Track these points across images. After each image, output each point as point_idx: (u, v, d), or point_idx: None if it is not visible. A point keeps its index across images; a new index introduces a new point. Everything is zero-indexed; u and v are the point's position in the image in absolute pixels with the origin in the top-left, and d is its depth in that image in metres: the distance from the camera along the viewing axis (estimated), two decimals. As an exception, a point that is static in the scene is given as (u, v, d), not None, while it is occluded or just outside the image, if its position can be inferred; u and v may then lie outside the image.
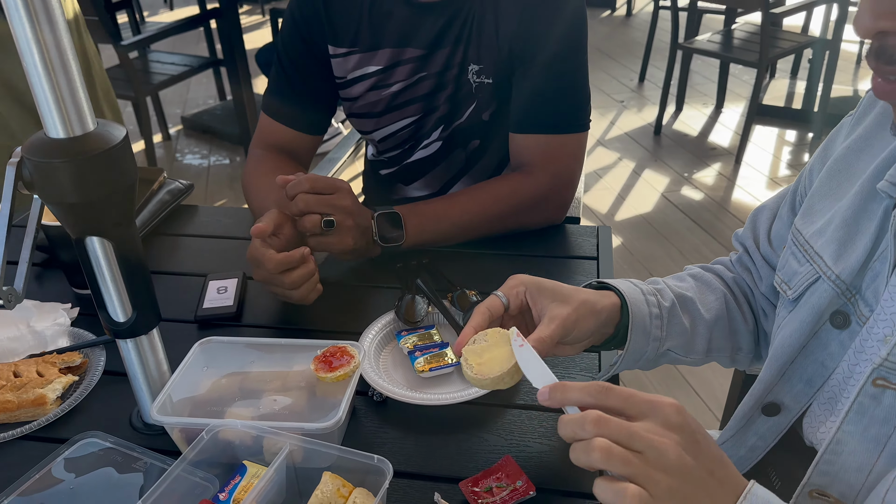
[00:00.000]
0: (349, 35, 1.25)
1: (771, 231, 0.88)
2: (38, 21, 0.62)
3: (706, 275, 0.93)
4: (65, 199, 0.69)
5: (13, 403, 0.85)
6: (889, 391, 0.63)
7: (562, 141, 1.19)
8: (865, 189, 0.70)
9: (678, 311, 0.84)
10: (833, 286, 0.72)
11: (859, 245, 0.70)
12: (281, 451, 0.72)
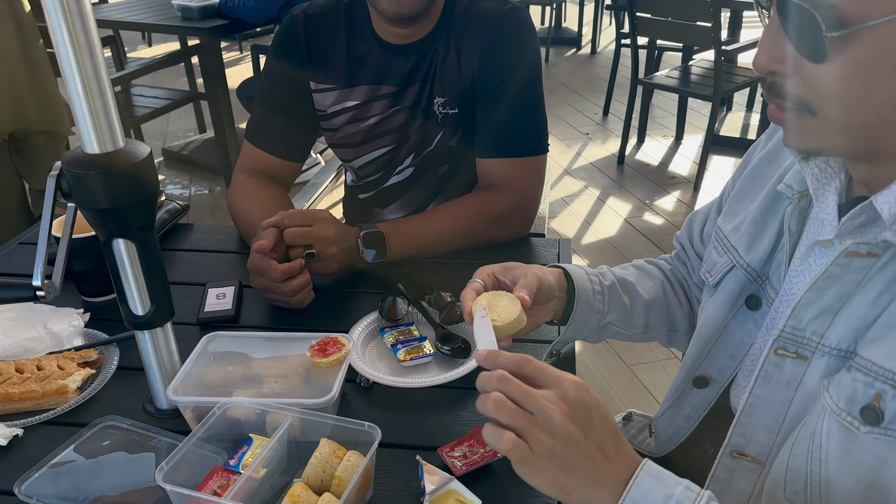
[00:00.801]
0: (329, 73, 1.38)
1: (703, 231, 1.03)
2: (82, 53, 0.75)
3: (647, 265, 1.08)
4: (97, 205, 0.81)
5: (38, 392, 0.95)
6: (788, 359, 0.75)
7: (524, 163, 1.33)
8: (771, 192, 0.85)
9: (618, 290, 0.99)
10: (745, 273, 0.86)
11: (766, 239, 0.84)
12: (283, 423, 0.83)
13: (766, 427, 0.78)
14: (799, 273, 0.79)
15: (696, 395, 0.94)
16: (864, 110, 0.63)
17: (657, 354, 2.47)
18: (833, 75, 0.62)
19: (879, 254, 0.66)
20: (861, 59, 0.60)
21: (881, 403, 0.64)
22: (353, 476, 0.76)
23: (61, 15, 0.73)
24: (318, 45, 1.37)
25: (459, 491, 0.80)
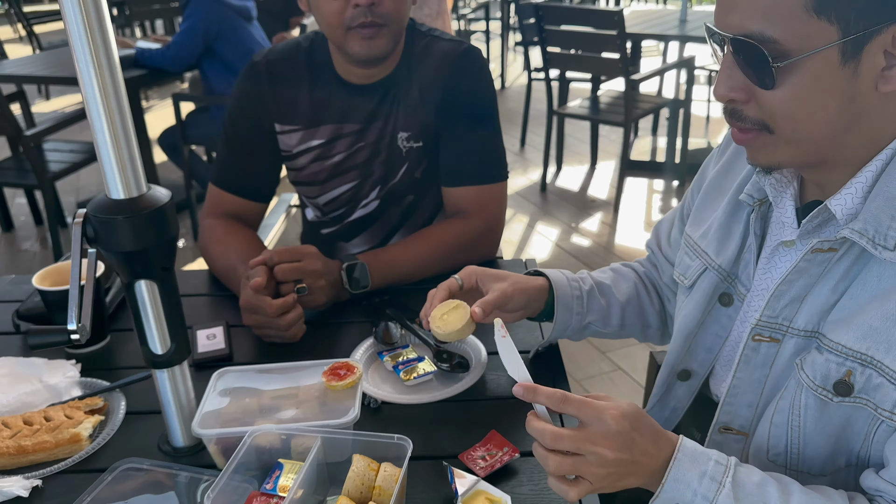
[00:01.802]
0: (294, 114, 1.44)
1: (669, 237, 1.15)
2: (110, 104, 0.79)
3: (623, 268, 1.20)
4: (123, 248, 0.84)
5: (51, 443, 0.95)
6: (763, 343, 0.86)
7: (488, 190, 1.43)
8: (733, 201, 0.96)
9: (596, 294, 1.11)
10: (717, 274, 0.97)
11: (733, 242, 0.96)
12: (314, 444, 0.88)
13: (748, 403, 0.90)
14: (766, 270, 0.91)
15: (681, 388, 1.05)
16: (812, 126, 0.75)
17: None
18: (784, 98, 0.74)
19: (838, 248, 0.78)
20: (805, 83, 0.73)
21: (851, 378, 0.77)
22: (393, 485, 0.82)
23: (93, 69, 0.77)
24: (282, 89, 1.42)
25: (487, 490, 0.86)
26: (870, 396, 0.76)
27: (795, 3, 0.69)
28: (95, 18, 0.76)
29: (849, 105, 0.73)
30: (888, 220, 0.74)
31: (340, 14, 1.26)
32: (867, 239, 0.74)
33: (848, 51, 0.70)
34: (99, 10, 0.76)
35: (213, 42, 3.40)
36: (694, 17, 4.28)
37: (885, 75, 0.72)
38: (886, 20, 0.69)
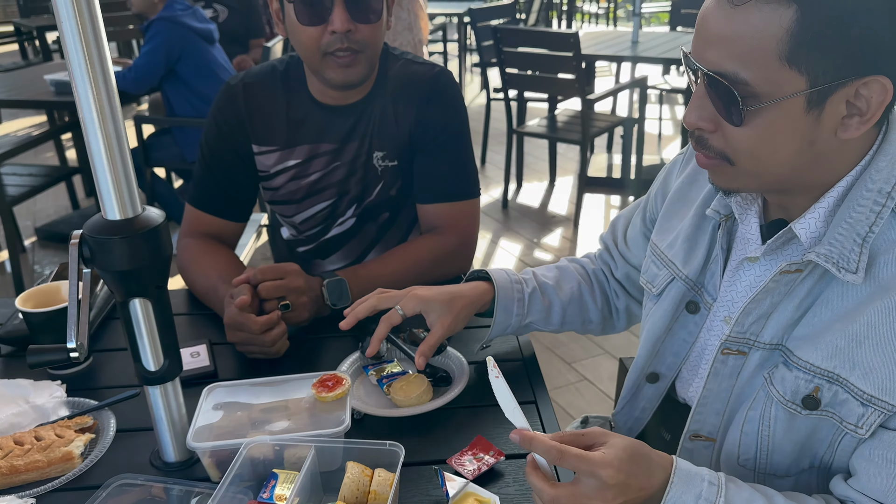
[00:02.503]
0: (270, 135, 1.47)
1: (627, 234, 1.22)
2: (107, 127, 0.82)
3: (569, 267, 1.26)
4: (119, 267, 0.87)
5: (43, 462, 0.96)
6: (731, 356, 0.92)
7: (462, 206, 1.48)
8: (699, 213, 1.02)
9: (538, 296, 1.18)
10: (684, 283, 1.03)
11: (699, 253, 1.01)
12: (308, 454, 0.91)
13: (716, 411, 0.96)
14: (731, 283, 0.97)
15: (650, 390, 1.11)
16: (773, 164, 0.81)
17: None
18: (748, 136, 0.80)
19: (804, 269, 0.84)
20: (770, 125, 0.78)
21: (819, 394, 0.83)
22: (387, 489, 0.85)
23: (92, 97, 0.80)
24: (259, 111, 1.46)
25: (476, 491, 0.90)
26: (836, 410, 0.82)
27: (770, 52, 0.74)
28: (95, 48, 0.79)
29: (809, 147, 0.79)
30: (851, 245, 0.80)
31: (318, 40, 1.31)
32: (832, 263, 0.80)
33: (813, 100, 0.76)
34: (99, 40, 0.80)
35: (174, 64, 3.39)
36: (645, 39, 4.43)
37: (845, 123, 0.77)
38: (852, 75, 0.74)
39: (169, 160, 3.58)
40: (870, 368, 0.78)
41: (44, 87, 3.58)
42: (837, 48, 0.73)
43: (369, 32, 1.33)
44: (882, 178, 0.81)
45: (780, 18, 0.73)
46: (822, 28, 0.72)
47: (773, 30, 0.73)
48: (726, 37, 0.76)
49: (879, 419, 0.79)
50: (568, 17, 10.28)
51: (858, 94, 0.76)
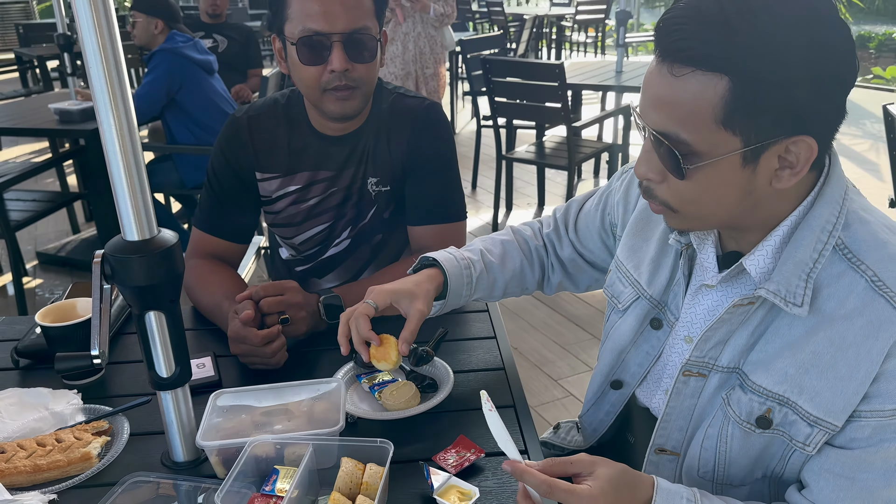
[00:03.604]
0: (273, 164, 1.59)
1: (578, 219, 1.33)
2: (128, 159, 0.93)
3: (513, 242, 1.36)
4: (137, 283, 0.97)
5: (64, 461, 1.05)
6: (692, 377, 1.01)
7: (449, 228, 1.59)
8: (663, 239, 1.11)
9: (485, 276, 1.28)
10: (649, 302, 1.13)
11: (662, 275, 1.11)
12: (307, 451, 1.00)
13: (679, 427, 1.05)
14: (692, 305, 1.07)
15: (613, 395, 1.21)
16: (716, 211, 0.91)
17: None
18: (691, 189, 0.89)
19: (755, 302, 0.93)
20: (710, 179, 0.87)
21: (771, 414, 0.93)
22: (378, 480, 0.95)
23: (115, 129, 0.91)
24: (261, 141, 1.57)
25: (458, 484, 1.00)
26: (786, 430, 0.92)
27: (707, 116, 0.82)
28: (118, 84, 0.90)
29: (747, 196, 0.88)
30: (796, 281, 0.89)
31: (318, 78, 1.42)
32: (780, 298, 0.89)
33: (748, 157, 0.84)
34: (121, 75, 0.90)
35: (175, 94, 3.52)
36: (630, 68, 4.59)
37: (778, 175, 0.86)
38: (781, 135, 0.83)
39: (169, 186, 3.70)
40: (816, 393, 0.88)
41: (47, 116, 3.69)
42: (767, 113, 0.81)
43: (365, 70, 1.45)
44: (824, 219, 0.90)
45: (715, 87, 0.81)
46: (752, 96, 0.80)
47: (709, 97, 0.82)
48: (668, 102, 0.85)
49: (825, 438, 0.88)
50: (557, 46, 10.50)
51: (788, 149, 0.84)
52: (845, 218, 0.90)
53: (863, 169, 5.46)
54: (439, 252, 1.28)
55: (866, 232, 0.89)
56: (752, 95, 0.81)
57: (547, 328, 3.26)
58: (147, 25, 3.54)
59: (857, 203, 0.93)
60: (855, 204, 0.92)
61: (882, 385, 0.84)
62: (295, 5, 1.41)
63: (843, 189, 0.92)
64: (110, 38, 0.88)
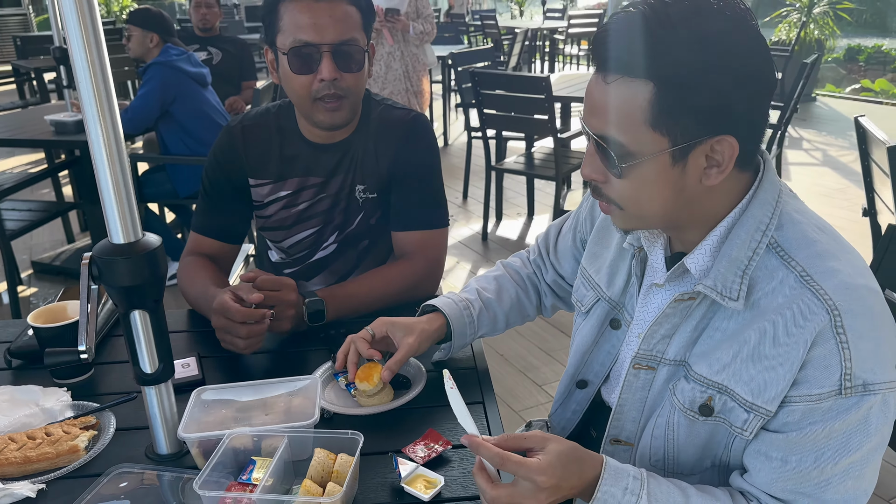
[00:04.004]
0: (265, 170, 1.66)
1: (557, 242, 1.40)
2: (115, 166, 0.99)
3: (505, 275, 1.44)
4: (122, 283, 1.03)
5: (53, 453, 1.11)
6: (642, 370, 1.08)
7: (431, 234, 1.66)
8: (619, 245, 1.18)
9: (485, 314, 1.35)
10: (608, 303, 1.20)
11: (620, 279, 1.18)
12: (282, 442, 1.06)
13: (632, 419, 1.11)
14: (644, 304, 1.14)
15: (579, 394, 1.27)
16: (652, 207, 0.98)
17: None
18: (629, 187, 0.96)
19: (696, 297, 1.00)
20: (644, 177, 0.94)
21: (712, 402, 0.99)
22: (348, 468, 1.01)
23: (102, 139, 0.97)
24: (254, 148, 1.65)
25: (425, 473, 1.06)
26: (726, 416, 0.98)
27: (638, 119, 0.90)
28: (105, 98, 0.97)
29: (680, 193, 0.95)
30: (732, 277, 0.96)
31: (308, 87, 1.50)
32: (717, 293, 0.96)
33: (677, 156, 0.92)
34: (108, 89, 0.97)
35: (169, 106, 3.59)
36: (617, 80, 4.66)
37: (707, 173, 0.93)
38: (705, 135, 0.90)
39: (162, 196, 3.76)
40: (750, 381, 0.94)
41: (43, 127, 3.76)
42: (690, 115, 0.89)
43: (353, 80, 1.52)
44: (758, 220, 0.97)
45: (642, 92, 0.89)
46: (676, 100, 0.88)
47: (638, 101, 0.90)
48: (603, 107, 0.93)
49: (760, 423, 0.94)
50: (550, 59, 10.61)
51: (714, 149, 0.91)
52: (779, 219, 0.97)
53: (848, 179, 5.54)
54: (439, 298, 1.37)
55: (798, 231, 0.96)
56: (675, 99, 0.88)
57: (533, 335, 3.32)
58: (142, 39, 3.62)
59: (790, 205, 1.00)
60: (789, 206, 0.99)
61: (809, 371, 0.90)
62: (286, 18, 1.49)
63: (776, 192, 0.99)
64: (98, 57, 0.94)
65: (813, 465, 0.91)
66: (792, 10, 8.66)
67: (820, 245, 0.94)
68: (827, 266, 0.92)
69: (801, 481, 0.92)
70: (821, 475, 0.91)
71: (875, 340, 0.89)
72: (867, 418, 0.90)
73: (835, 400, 0.89)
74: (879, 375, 0.89)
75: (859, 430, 0.90)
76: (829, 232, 0.98)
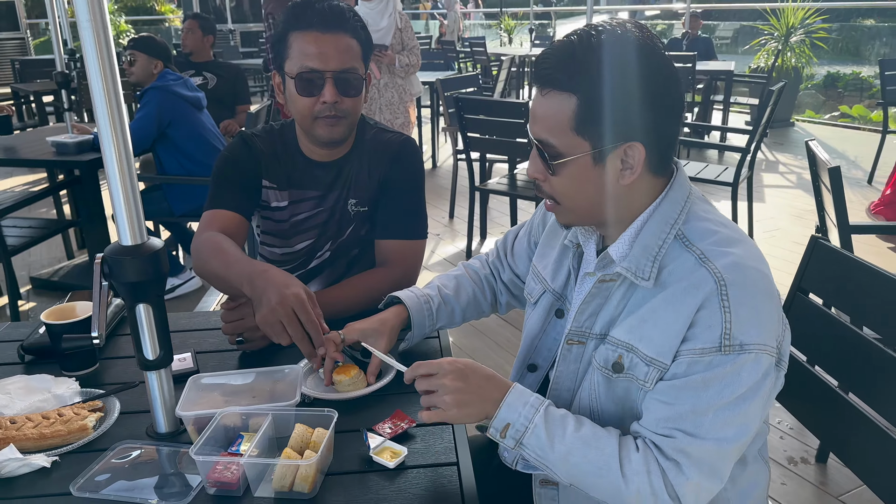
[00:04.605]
0: (274, 174, 1.83)
1: (514, 246, 1.58)
2: (125, 177, 1.16)
3: (464, 274, 1.61)
4: (130, 279, 1.19)
5: (64, 431, 1.26)
6: (574, 345, 1.25)
7: (410, 244, 1.83)
8: (562, 244, 1.37)
9: (443, 308, 1.53)
10: (552, 294, 1.37)
11: (563, 272, 1.36)
12: (266, 419, 1.22)
13: (567, 388, 1.29)
14: (579, 292, 1.32)
15: (530, 377, 1.44)
16: (582, 202, 1.18)
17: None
18: (561, 183, 1.16)
19: (616, 279, 1.19)
20: (573, 175, 1.14)
21: (622, 360, 1.16)
22: (323, 439, 1.17)
23: (115, 154, 1.14)
24: (266, 154, 1.83)
25: (391, 446, 1.22)
26: (633, 372, 1.15)
27: (565, 125, 1.10)
28: (119, 123, 1.13)
29: (602, 190, 1.15)
30: (645, 262, 1.14)
31: (311, 107, 1.68)
32: (632, 274, 1.15)
33: (597, 158, 1.12)
34: (120, 109, 1.13)
35: (166, 128, 3.77)
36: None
37: (622, 173, 1.13)
38: (619, 142, 1.10)
39: (159, 214, 3.92)
40: (650, 339, 1.12)
41: (44, 148, 3.93)
42: (605, 124, 1.09)
43: (351, 103, 1.71)
44: (668, 216, 1.16)
45: (568, 103, 1.10)
46: (593, 111, 1.09)
47: (565, 110, 1.10)
48: (540, 115, 1.14)
49: (658, 375, 1.12)
50: (538, 83, 10.81)
51: (626, 153, 1.12)
52: (686, 216, 1.17)
53: (821, 201, 5.73)
54: (403, 292, 1.55)
55: (701, 226, 1.15)
56: (592, 110, 1.09)
57: (510, 345, 3.48)
58: (147, 65, 3.82)
59: (698, 206, 1.19)
60: (696, 206, 1.19)
61: (696, 330, 1.08)
62: (296, 46, 1.68)
63: (685, 194, 1.18)
64: (112, 79, 1.11)
65: (691, 407, 1.09)
66: (770, 39, 8.95)
67: (719, 235, 1.13)
68: (722, 250, 1.11)
69: (681, 420, 1.10)
70: (696, 415, 1.08)
71: (754, 310, 1.07)
72: (740, 372, 1.07)
73: (715, 355, 1.07)
74: (754, 338, 1.07)
75: (732, 381, 1.07)
76: (731, 227, 1.17)
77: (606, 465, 1.10)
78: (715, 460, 1.09)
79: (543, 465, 1.14)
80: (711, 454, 1.09)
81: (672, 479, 1.08)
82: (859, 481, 1.44)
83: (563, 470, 1.13)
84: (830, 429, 1.54)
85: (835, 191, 2.26)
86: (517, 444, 1.14)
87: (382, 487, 1.15)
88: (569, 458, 1.12)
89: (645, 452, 1.11)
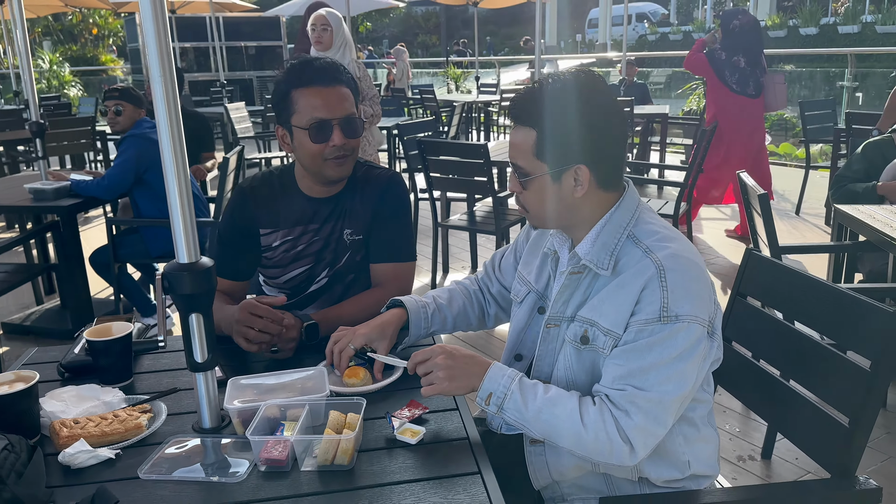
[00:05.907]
0: (271, 221, 2.06)
1: (501, 262, 1.84)
2: (184, 206, 1.37)
3: (456, 289, 1.87)
4: (185, 292, 1.39)
5: (122, 429, 1.44)
6: (552, 328, 1.53)
7: (401, 266, 2.07)
8: (543, 251, 1.64)
9: (437, 314, 1.77)
10: (535, 294, 1.63)
11: (544, 275, 1.63)
12: (303, 409, 1.42)
13: (547, 363, 1.55)
14: (555, 289, 1.58)
15: (517, 366, 1.68)
16: (547, 213, 1.47)
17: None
18: (530, 196, 1.46)
19: (582, 271, 1.47)
20: (538, 190, 1.44)
21: (587, 333, 1.44)
22: (356, 421, 1.38)
23: (177, 187, 1.36)
24: (262, 205, 2.05)
25: (411, 426, 1.44)
26: (596, 342, 1.43)
27: (528, 151, 1.42)
28: (180, 152, 1.36)
29: (562, 202, 1.45)
30: (604, 256, 1.44)
31: (322, 151, 1.92)
32: (594, 265, 1.44)
33: (554, 177, 1.42)
34: (184, 164, 1.36)
35: (143, 174, 3.93)
36: (547, 146, 5.23)
37: (575, 189, 1.43)
38: (569, 164, 1.41)
39: (135, 256, 4.05)
40: (607, 315, 1.41)
41: (20, 195, 4.04)
42: (557, 150, 1.41)
43: (355, 143, 1.97)
44: (622, 221, 1.46)
45: (530, 135, 1.42)
46: (548, 140, 1.40)
47: (528, 140, 1.42)
48: (512, 143, 1.47)
49: (614, 343, 1.40)
50: (486, 129, 11.31)
51: (577, 173, 1.42)
52: (636, 221, 1.47)
53: (754, 231, 6.19)
54: (404, 297, 1.80)
55: (648, 228, 1.46)
56: (548, 140, 1.40)
57: (497, 356, 3.70)
58: (133, 115, 4.01)
59: (646, 214, 1.49)
60: (645, 214, 1.49)
61: (641, 305, 1.37)
62: (301, 102, 1.92)
63: (635, 205, 1.49)
64: (177, 128, 1.35)
65: (638, 366, 1.37)
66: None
67: (661, 234, 1.44)
68: (662, 245, 1.41)
69: (630, 377, 1.37)
70: (643, 372, 1.36)
71: (686, 289, 1.37)
72: (676, 337, 1.35)
73: (656, 324, 1.36)
74: (687, 310, 1.36)
75: (670, 344, 1.35)
76: (671, 230, 1.48)
77: (569, 418, 1.37)
78: (658, 410, 1.35)
79: (521, 425, 1.41)
80: (655, 404, 1.35)
81: (623, 424, 1.35)
82: (801, 471, 1.72)
83: (536, 426, 1.39)
84: (775, 411, 1.81)
85: (765, 215, 2.60)
86: (499, 410, 1.40)
87: (408, 458, 1.37)
88: (540, 415, 1.38)
89: (601, 405, 1.38)
